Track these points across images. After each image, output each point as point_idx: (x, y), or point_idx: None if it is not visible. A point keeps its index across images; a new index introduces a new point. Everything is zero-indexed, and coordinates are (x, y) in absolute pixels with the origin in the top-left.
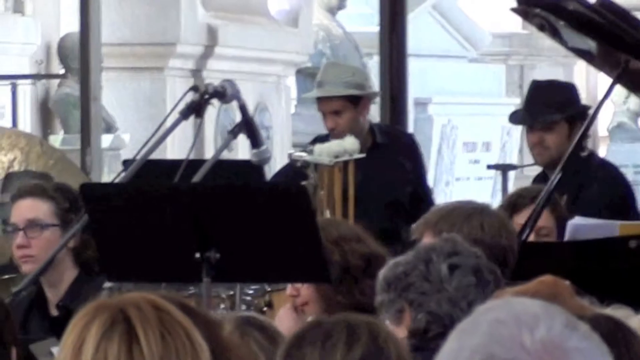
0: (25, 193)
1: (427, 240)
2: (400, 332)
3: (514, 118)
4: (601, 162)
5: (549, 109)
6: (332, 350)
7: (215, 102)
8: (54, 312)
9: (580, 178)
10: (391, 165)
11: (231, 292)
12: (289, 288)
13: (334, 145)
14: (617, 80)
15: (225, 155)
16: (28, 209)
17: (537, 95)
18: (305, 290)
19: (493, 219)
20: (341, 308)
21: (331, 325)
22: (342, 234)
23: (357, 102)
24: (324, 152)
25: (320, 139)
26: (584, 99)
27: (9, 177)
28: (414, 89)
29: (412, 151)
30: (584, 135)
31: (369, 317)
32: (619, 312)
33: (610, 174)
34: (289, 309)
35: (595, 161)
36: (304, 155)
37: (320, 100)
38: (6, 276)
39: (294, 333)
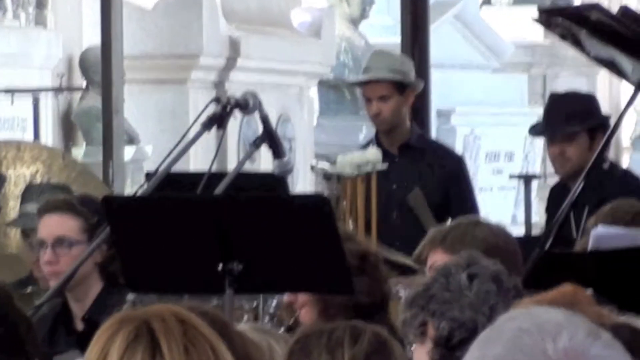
0: (53, 208)
1: (437, 257)
2: (425, 348)
3: (534, 130)
4: (623, 173)
5: (569, 121)
6: (338, 345)
7: (237, 113)
8: (80, 326)
9: (602, 190)
10: (417, 170)
11: (255, 304)
12: (286, 296)
13: (356, 156)
14: (639, 89)
15: (248, 166)
16: (56, 225)
17: (556, 107)
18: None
19: (498, 226)
20: (339, 308)
21: (333, 326)
22: None
23: (403, 90)
24: (347, 163)
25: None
26: (607, 108)
27: (28, 188)
28: (437, 100)
29: (455, 175)
30: (606, 146)
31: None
32: (634, 321)
33: (632, 185)
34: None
35: (618, 172)
36: (326, 166)
37: (366, 86)
38: (29, 290)
39: (297, 334)
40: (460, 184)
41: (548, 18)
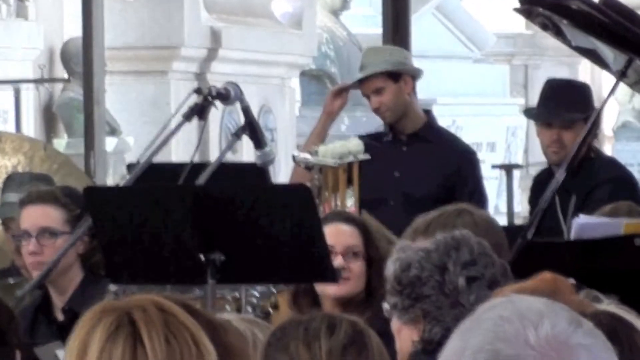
0: (37, 199)
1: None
2: (412, 334)
3: (530, 114)
4: (609, 161)
5: (569, 107)
6: (315, 337)
7: (219, 104)
8: (60, 316)
9: (588, 178)
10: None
11: (237, 294)
12: None
13: (338, 146)
14: (621, 78)
15: (230, 157)
16: (40, 216)
17: (555, 93)
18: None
19: (482, 215)
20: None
21: (310, 318)
22: None
23: (398, 78)
24: (328, 154)
25: (373, 137)
26: None
27: (10, 178)
28: (418, 90)
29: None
30: (590, 134)
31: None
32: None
33: (618, 173)
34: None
35: (604, 160)
36: (308, 156)
37: (362, 85)
38: (11, 280)
39: (274, 329)
40: (466, 183)
41: (529, 8)
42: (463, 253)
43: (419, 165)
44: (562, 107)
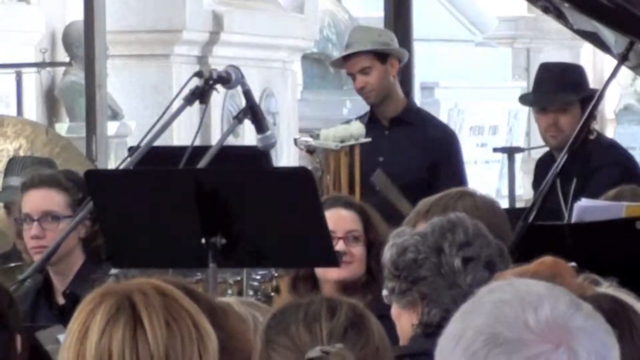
0: (39, 183)
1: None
2: (411, 318)
3: (526, 100)
4: (610, 143)
5: (564, 91)
6: (315, 319)
7: (220, 88)
8: (61, 300)
9: (589, 161)
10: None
11: (238, 278)
12: None
13: (340, 129)
14: (622, 62)
15: (232, 141)
16: (42, 199)
17: (548, 77)
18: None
19: (484, 198)
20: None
21: (310, 300)
22: None
23: (385, 59)
24: (330, 137)
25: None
26: (591, 81)
27: (11, 161)
28: (420, 74)
29: (445, 153)
30: (590, 117)
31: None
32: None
33: (619, 156)
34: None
35: (604, 143)
36: (309, 140)
37: (348, 62)
38: (12, 264)
39: (274, 312)
40: (450, 163)
41: None
42: (458, 234)
43: (403, 148)
44: (557, 91)
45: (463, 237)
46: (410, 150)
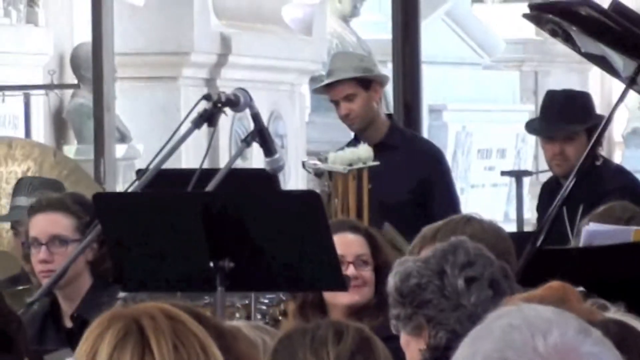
0: (47, 207)
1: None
2: (419, 344)
3: (532, 128)
4: (616, 169)
5: (569, 120)
6: (322, 344)
7: (228, 111)
8: (69, 324)
9: (596, 186)
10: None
11: (246, 302)
12: None
13: (348, 153)
14: (630, 85)
15: (240, 164)
16: (50, 223)
17: (554, 106)
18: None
19: (489, 223)
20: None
21: (316, 325)
22: None
23: (368, 86)
24: (338, 160)
25: (351, 144)
26: (599, 105)
27: (19, 182)
28: (428, 96)
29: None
30: (597, 144)
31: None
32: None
33: (626, 181)
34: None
35: (611, 168)
36: (318, 163)
37: (331, 90)
38: (20, 287)
39: (280, 336)
40: (440, 181)
41: (538, 14)
42: (459, 255)
43: (390, 173)
44: (563, 120)
45: (464, 258)
46: (397, 174)
